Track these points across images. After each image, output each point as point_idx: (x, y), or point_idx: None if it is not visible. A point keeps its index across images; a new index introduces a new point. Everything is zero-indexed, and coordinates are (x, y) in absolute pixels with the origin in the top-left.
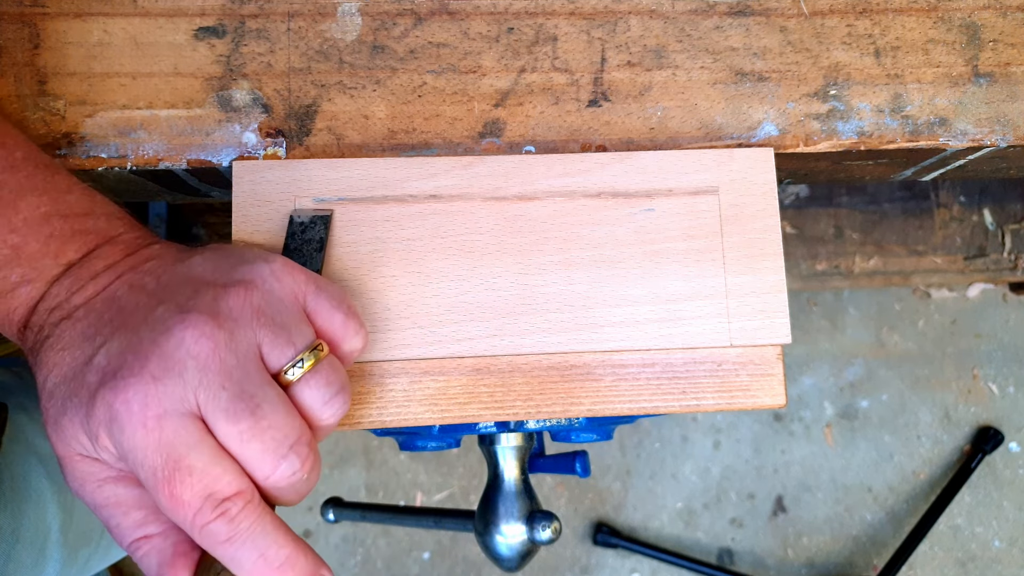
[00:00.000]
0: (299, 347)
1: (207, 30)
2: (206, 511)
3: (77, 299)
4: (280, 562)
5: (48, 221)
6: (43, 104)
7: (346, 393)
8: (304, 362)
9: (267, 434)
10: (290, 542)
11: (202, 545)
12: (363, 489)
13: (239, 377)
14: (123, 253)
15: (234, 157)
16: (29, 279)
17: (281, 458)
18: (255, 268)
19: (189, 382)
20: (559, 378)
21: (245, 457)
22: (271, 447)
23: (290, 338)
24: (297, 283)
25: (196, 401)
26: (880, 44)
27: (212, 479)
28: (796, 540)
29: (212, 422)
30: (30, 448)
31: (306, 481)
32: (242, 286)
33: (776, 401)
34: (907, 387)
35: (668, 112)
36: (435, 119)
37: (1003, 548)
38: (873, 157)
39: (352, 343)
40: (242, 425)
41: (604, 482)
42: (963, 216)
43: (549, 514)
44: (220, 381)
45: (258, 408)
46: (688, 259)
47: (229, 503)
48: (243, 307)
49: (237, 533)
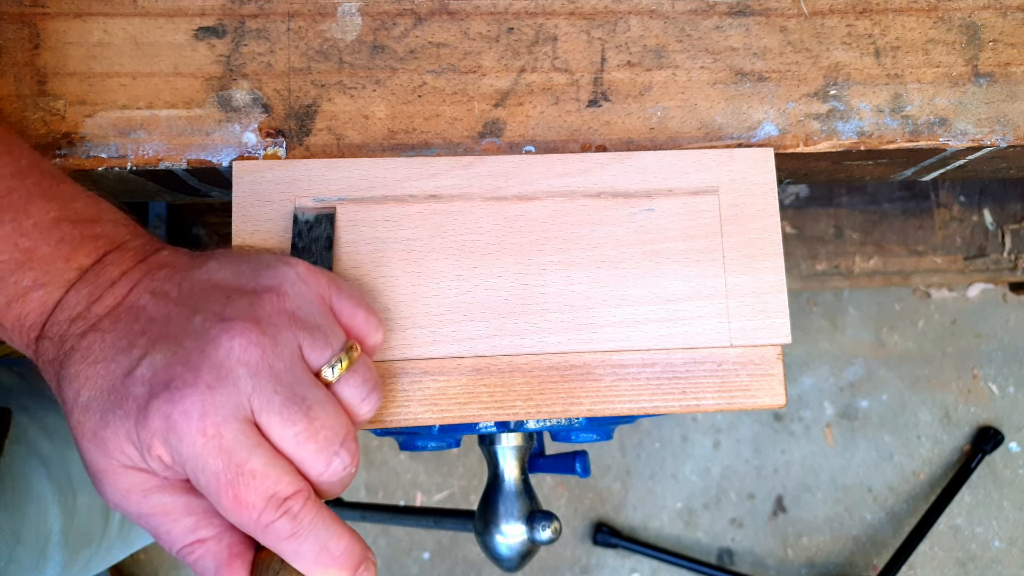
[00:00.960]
0: (335, 347)
1: (207, 30)
2: (270, 511)
3: (98, 308)
4: (340, 552)
5: (58, 226)
6: (43, 104)
7: (380, 388)
8: (342, 361)
9: (320, 434)
10: (347, 532)
11: (265, 543)
12: (363, 489)
13: (289, 381)
14: (134, 260)
15: (234, 157)
16: (42, 283)
17: (334, 455)
18: (280, 272)
19: (243, 389)
20: (559, 378)
21: (301, 457)
22: (324, 446)
23: (327, 339)
24: (321, 285)
25: (250, 407)
26: (880, 44)
27: (273, 480)
28: (796, 540)
29: (267, 426)
30: (32, 450)
31: (352, 474)
32: (273, 292)
33: (776, 401)
34: (907, 387)
35: (668, 112)
36: (435, 119)
37: (1003, 548)
38: (873, 157)
39: (375, 337)
40: (298, 427)
41: (604, 482)
42: (963, 216)
43: (549, 514)
44: (272, 386)
45: (310, 410)
46: (688, 259)
47: (291, 501)
48: (280, 312)
49: (300, 529)
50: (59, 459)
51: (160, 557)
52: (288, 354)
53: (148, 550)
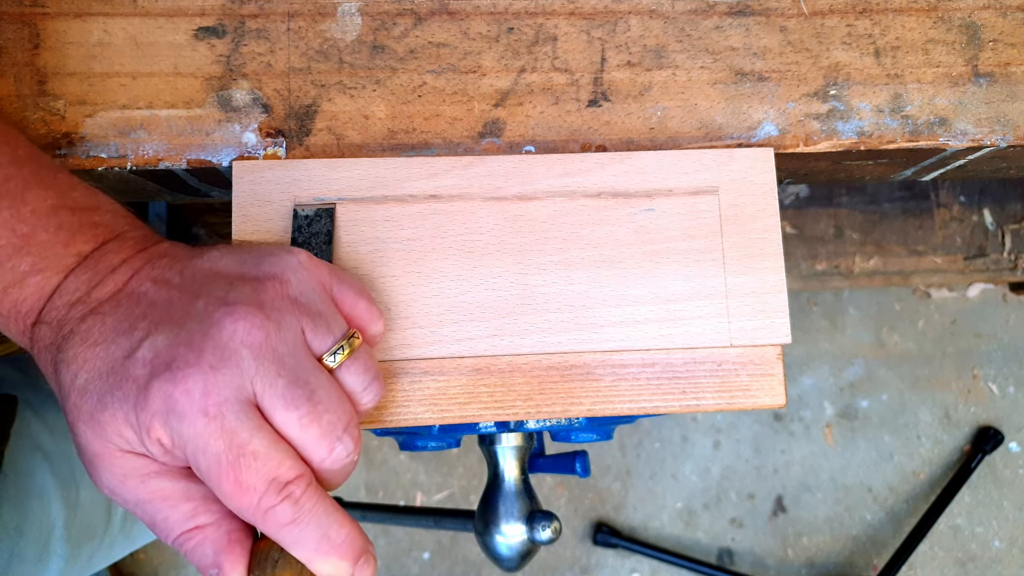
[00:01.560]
0: (337, 335)
1: (207, 30)
2: (271, 495)
3: (99, 294)
4: (341, 540)
5: (56, 213)
6: (43, 104)
7: (381, 379)
8: (344, 348)
9: (324, 418)
10: (348, 521)
11: (265, 530)
12: (363, 489)
13: (292, 365)
14: (135, 249)
15: (234, 157)
16: (39, 268)
17: (337, 440)
18: (282, 260)
19: (246, 371)
20: (559, 378)
21: (303, 442)
22: (327, 431)
23: (329, 326)
24: (323, 274)
25: (253, 389)
26: (880, 44)
27: (275, 463)
28: (796, 540)
29: (269, 409)
30: (35, 444)
31: (354, 463)
32: (276, 279)
33: (776, 401)
34: (907, 387)
35: (668, 112)
36: (435, 119)
37: (1003, 548)
38: (873, 157)
39: (376, 327)
40: (301, 411)
41: (604, 482)
42: (963, 216)
43: (549, 514)
44: (275, 369)
45: (314, 394)
46: (688, 259)
47: (292, 486)
48: (283, 298)
49: (301, 515)
50: (62, 454)
51: (160, 557)
52: (291, 339)
53: (148, 549)
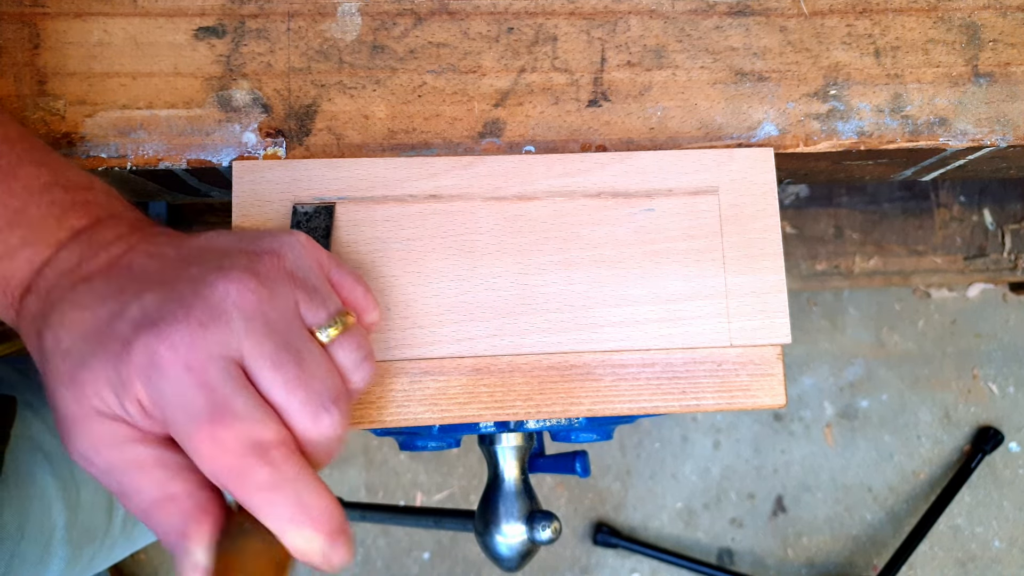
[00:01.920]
0: (331, 310)
1: (207, 30)
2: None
3: (91, 265)
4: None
5: (49, 190)
6: (43, 104)
7: (373, 359)
8: (337, 324)
9: (311, 385)
10: (328, 494)
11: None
12: (363, 489)
13: (282, 330)
14: (129, 227)
15: (234, 157)
16: (31, 242)
17: (323, 409)
18: (280, 238)
19: (235, 331)
20: (559, 378)
21: (288, 406)
22: (314, 398)
23: (323, 301)
24: (320, 256)
25: (241, 351)
26: (880, 44)
27: (256, 423)
28: (796, 540)
29: (256, 370)
30: (36, 446)
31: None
32: (273, 253)
33: (776, 401)
34: (907, 387)
35: (668, 112)
36: (435, 119)
37: (1003, 548)
38: (873, 157)
39: (372, 315)
40: (288, 374)
41: (604, 482)
42: (963, 216)
43: (549, 514)
44: (265, 331)
45: (303, 360)
46: (688, 259)
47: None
48: (279, 270)
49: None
50: (62, 455)
51: (160, 557)
52: (284, 307)
53: (149, 550)
